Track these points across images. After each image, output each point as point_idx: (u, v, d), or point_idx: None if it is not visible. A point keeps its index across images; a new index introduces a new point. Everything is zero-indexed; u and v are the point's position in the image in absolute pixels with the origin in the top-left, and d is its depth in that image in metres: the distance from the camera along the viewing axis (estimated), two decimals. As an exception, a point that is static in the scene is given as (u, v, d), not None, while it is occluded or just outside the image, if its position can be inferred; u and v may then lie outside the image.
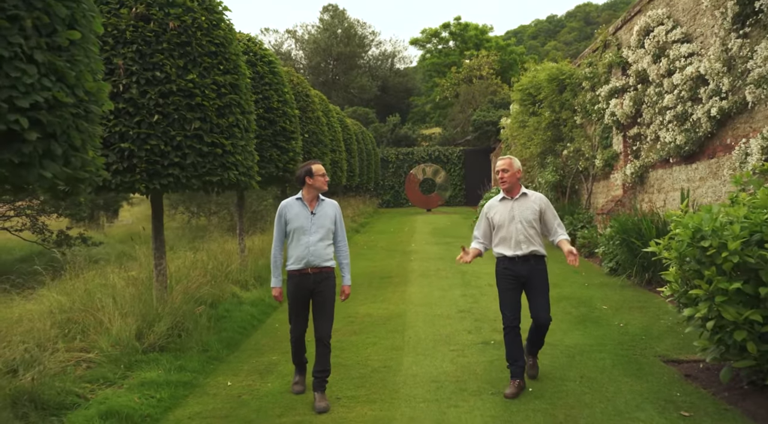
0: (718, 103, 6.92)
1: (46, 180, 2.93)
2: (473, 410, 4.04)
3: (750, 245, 3.84)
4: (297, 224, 4.33)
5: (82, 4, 3.16)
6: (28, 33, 2.79)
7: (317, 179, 4.38)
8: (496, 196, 4.66)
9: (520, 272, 4.41)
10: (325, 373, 4.33)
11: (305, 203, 4.39)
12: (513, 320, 4.40)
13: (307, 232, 4.31)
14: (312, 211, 4.37)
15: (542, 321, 4.39)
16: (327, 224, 4.39)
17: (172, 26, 5.49)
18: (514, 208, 4.46)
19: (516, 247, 4.41)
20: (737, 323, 3.83)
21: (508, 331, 4.41)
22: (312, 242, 4.30)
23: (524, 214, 4.43)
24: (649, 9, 9.21)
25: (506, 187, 4.49)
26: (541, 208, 4.47)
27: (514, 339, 4.40)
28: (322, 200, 4.45)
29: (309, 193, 4.41)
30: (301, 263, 4.29)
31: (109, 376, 4.68)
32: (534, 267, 4.42)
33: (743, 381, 4.22)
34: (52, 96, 2.87)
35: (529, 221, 4.42)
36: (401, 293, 8.18)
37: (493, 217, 4.55)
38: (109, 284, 6.66)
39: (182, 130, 5.47)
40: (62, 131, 2.99)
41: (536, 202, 4.50)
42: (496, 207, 4.57)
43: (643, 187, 9.80)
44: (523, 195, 4.51)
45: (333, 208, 4.50)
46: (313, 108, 11.91)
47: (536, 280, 4.41)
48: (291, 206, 4.40)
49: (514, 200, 4.49)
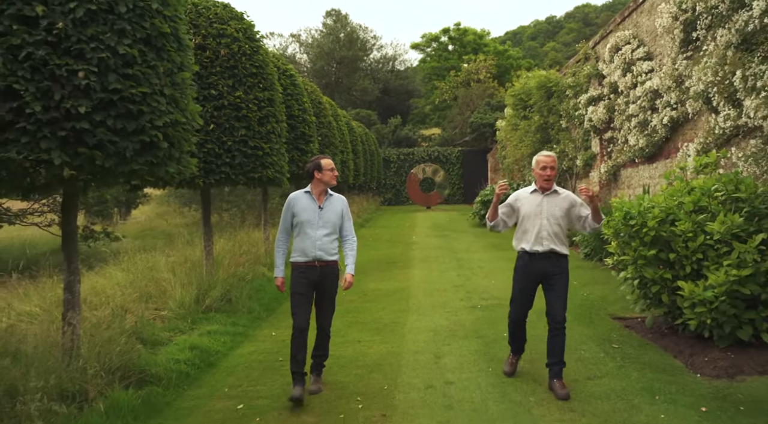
0: (669, 113, 8.30)
1: (169, 174, 4.32)
2: (461, 347, 5.42)
3: (665, 223, 5.23)
4: (304, 217, 4.33)
5: (188, 53, 4.54)
6: (160, 76, 4.17)
7: (326, 174, 4.39)
8: (526, 188, 4.57)
9: (539, 269, 4.37)
10: (322, 357, 4.51)
11: (313, 197, 4.39)
12: (521, 318, 4.54)
13: (314, 226, 4.33)
14: (320, 205, 4.39)
15: (558, 318, 4.28)
16: (334, 218, 4.41)
17: (222, 53, 6.88)
18: (543, 204, 4.40)
19: (537, 242, 4.36)
20: (654, 280, 5.22)
21: (514, 326, 4.58)
22: (319, 236, 4.32)
23: (552, 211, 4.37)
24: (618, 30, 10.59)
25: (550, 185, 4.43)
26: (570, 206, 4.43)
27: (519, 331, 4.60)
28: (330, 195, 4.47)
29: (317, 188, 4.41)
30: (308, 256, 4.31)
31: (182, 327, 6.07)
32: (554, 264, 4.36)
33: (663, 327, 5.61)
34: (174, 118, 4.26)
35: (557, 218, 4.37)
36: (405, 274, 9.57)
37: (519, 207, 4.50)
38: (167, 262, 8.06)
39: (231, 137, 6.86)
40: (178, 141, 4.37)
41: (565, 200, 4.44)
42: (526, 198, 4.49)
43: (616, 184, 11.18)
44: (554, 192, 4.45)
45: (340, 203, 4.51)
46: (325, 113, 13.30)
47: (556, 278, 4.35)
48: (299, 199, 4.40)
49: (544, 196, 4.42)
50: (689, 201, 5.25)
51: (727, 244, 4.90)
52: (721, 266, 4.81)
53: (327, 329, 4.49)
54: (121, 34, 3.93)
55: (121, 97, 3.88)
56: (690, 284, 4.90)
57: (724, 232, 4.82)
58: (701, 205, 5.23)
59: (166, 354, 5.02)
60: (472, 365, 4.89)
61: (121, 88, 3.87)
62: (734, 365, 4.57)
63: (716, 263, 4.89)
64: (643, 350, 5.15)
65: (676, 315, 5.31)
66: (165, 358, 4.89)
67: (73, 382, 4.02)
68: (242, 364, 5.18)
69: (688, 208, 5.21)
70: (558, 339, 4.27)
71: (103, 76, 3.82)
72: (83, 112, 3.72)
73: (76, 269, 4.58)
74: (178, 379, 4.65)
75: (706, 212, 5.16)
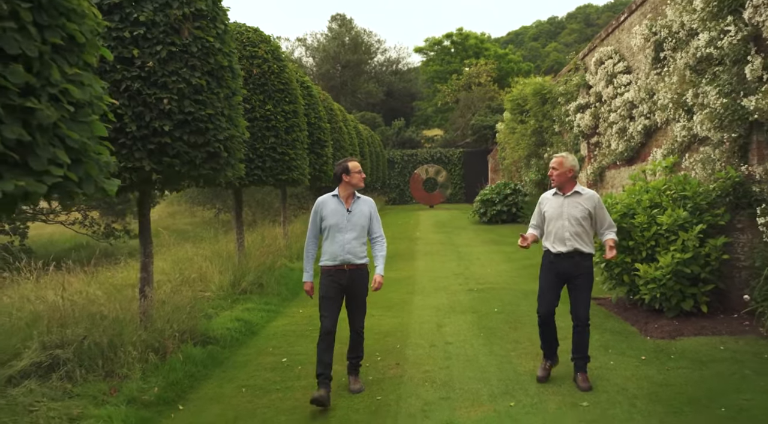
0: (644, 121, 9.41)
1: (227, 177, 5.48)
2: (459, 320, 6.56)
3: (626, 216, 6.35)
4: (333, 221, 4.32)
5: (239, 80, 5.69)
6: (221, 100, 5.32)
7: (354, 176, 4.38)
8: (550, 190, 4.66)
9: (563, 268, 4.41)
10: (358, 358, 4.53)
11: (341, 201, 4.38)
12: (547, 315, 4.50)
13: (343, 229, 4.31)
14: (348, 208, 4.37)
15: (581, 317, 4.40)
16: (362, 221, 4.39)
17: (255, 72, 8.03)
18: (564, 205, 4.44)
19: (560, 243, 4.41)
20: (617, 263, 6.35)
21: (542, 323, 4.54)
22: (348, 240, 4.31)
23: (572, 211, 4.39)
24: (603, 45, 11.71)
25: (556, 185, 4.49)
26: (593, 207, 4.43)
27: (548, 331, 4.55)
28: (358, 198, 4.46)
29: (345, 191, 4.40)
30: (337, 260, 4.31)
31: (223, 305, 7.21)
32: (578, 264, 4.39)
33: (626, 303, 6.74)
34: (231, 133, 5.40)
35: (577, 219, 4.37)
36: (410, 265, 10.71)
37: (545, 210, 4.57)
38: (199, 254, 9.21)
39: (262, 144, 8.01)
40: (233, 151, 5.52)
41: (587, 201, 4.43)
42: (549, 201, 4.58)
43: (602, 184, 12.29)
44: (575, 193, 4.45)
45: (368, 206, 4.50)
46: (336, 119, 14.45)
47: (581, 278, 4.40)
48: (327, 203, 4.39)
49: (565, 197, 4.46)
50: (646, 199, 6.38)
51: (674, 233, 6.03)
52: (669, 251, 5.95)
53: (360, 331, 4.47)
54: (193, 69, 5.09)
55: (194, 117, 5.04)
56: (645, 265, 6.03)
57: (671, 223, 5.96)
58: (656, 201, 6.36)
59: (218, 323, 6.17)
60: (467, 332, 6.02)
61: (193, 111, 5.03)
62: (677, 329, 5.70)
63: (665, 249, 6.02)
64: (606, 320, 6.28)
65: (635, 292, 6.44)
66: (218, 325, 6.04)
67: (155, 339, 5.17)
68: (279, 332, 6.33)
69: (644, 204, 6.34)
70: (582, 336, 4.42)
71: (181, 101, 4.98)
72: (167, 129, 4.88)
73: (150, 252, 5.75)
74: (231, 341, 5.80)
75: (660, 207, 6.28)
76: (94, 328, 4.95)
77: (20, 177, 2.46)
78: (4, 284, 6.91)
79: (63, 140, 2.68)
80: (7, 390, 4.16)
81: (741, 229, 6.17)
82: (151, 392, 4.39)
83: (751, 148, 6.19)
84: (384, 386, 4.55)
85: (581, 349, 4.44)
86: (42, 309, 5.31)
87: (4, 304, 5.92)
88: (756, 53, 5.98)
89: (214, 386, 4.73)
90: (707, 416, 3.76)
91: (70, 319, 4.94)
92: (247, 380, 4.82)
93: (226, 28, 5.50)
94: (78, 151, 2.77)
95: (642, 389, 4.27)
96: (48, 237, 24.10)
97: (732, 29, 6.17)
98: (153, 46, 4.90)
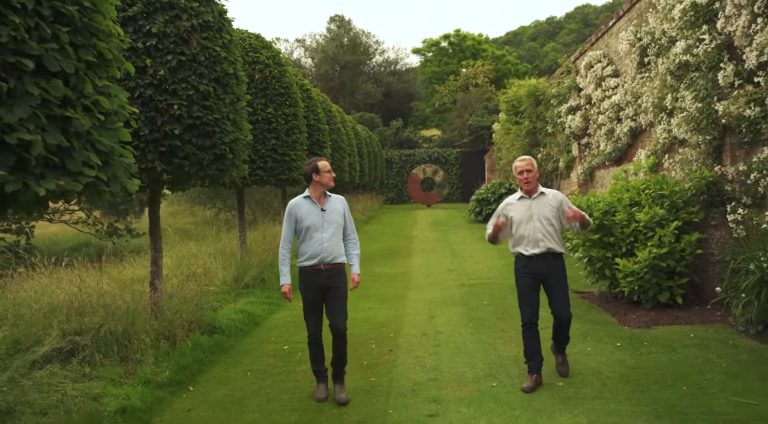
0: (630, 123, 9.80)
1: (232, 177, 5.86)
2: (450, 312, 6.94)
3: (608, 214, 6.74)
4: (309, 221, 4.32)
5: (243, 86, 6.08)
6: (226, 105, 5.70)
7: (324, 176, 4.37)
8: (513, 195, 4.68)
9: (539, 270, 4.44)
10: (342, 365, 4.47)
11: (314, 201, 4.38)
12: (531, 316, 4.47)
13: (320, 229, 4.32)
14: (322, 208, 4.37)
15: (563, 317, 4.45)
16: (337, 219, 4.42)
17: (257, 77, 8.41)
18: (532, 207, 4.47)
19: (533, 245, 4.42)
20: (599, 258, 6.75)
21: (527, 328, 4.49)
22: (325, 238, 4.32)
23: (543, 211, 4.44)
24: (592, 49, 12.11)
25: (530, 187, 4.50)
26: (560, 203, 4.52)
27: (532, 335, 4.48)
28: (329, 196, 4.46)
29: (316, 191, 4.40)
30: (315, 259, 4.31)
31: (227, 298, 7.59)
32: (552, 264, 4.44)
33: (607, 296, 7.13)
34: (236, 136, 5.79)
35: (548, 218, 4.43)
36: (406, 261, 11.10)
37: (511, 215, 4.57)
38: (203, 251, 9.59)
39: (264, 146, 8.39)
40: (238, 153, 5.90)
41: (554, 199, 4.51)
42: (514, 205, 4.57)
43: (592, 184, 12.69)
44: (541, 194, 4.52)
45: (341, 203, 4.52)
46: (335, 121, 14.83)
47: (555, 278, 4.44)
48: (300, 205, 4.38)
49: (532, 199, 4.50)
50: (627, 197, 6.77)
51: (651, 229, 6.42)
52: (646, 246, 6.34)
53: (343, 331, 4.36)
54: (201, 76, 5.47)
55: (201, 121, 5.42)
56: (624, 260, 6.42)
57: (648, 220, 6.35)
58: (636, 200, 6.75)
59: (223, 315, 6.56)
60: (457, 322, 6.41)
61: (201, 116, 5.41)
62: (653, 319, 6.10)
63: (643, 244, 6.41)
64: (589, 311, 6.67)
65: (615, 285, 6.83)
66: (223, 316, 6.43)
67: (165, 328, 5.56)
68: (280, 323, 6.71)
69: (625, 202, 6.73)
70: (564, 333, 4.57)
71: (190, 107, 5.36)
72: (177, 133, 5.26)
73: (160, 247, 6.14)
74: (236, 331, 6.19)
75: (639, 205, 6.68)
76: (109, 317, 5.33)
77: (59, 177, 2.84)
78: (20, 279, 7.29)
79: (94, 145, 3.07)
80: (32, 373, 4.55)
81: (715, 225, 6.56)
82: (164, 375, 4.78)
83: (725, 150, 6.59)
84: (378, 369, 4.94)
85: (563, 339, 4.62)
86: (60, 300, 5.70)
87: (23, 297, 6.31)
88: (728, 61, 6.37)
89: (221, 370, 5.12)
90: (670, 393, 4.15)
91: (88, 308, 5.33)
92: (251, 365, 5.21)
93: (231, 37, 5.89)
94: (106, 154, 3.16)
95: (615, 371, 4.66)
96: (51, 236, 24.46)
97: (707, 38, 6.56)
98: (164, 55, 5.28)
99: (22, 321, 5.43)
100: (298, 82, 11.26)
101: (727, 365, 4.65)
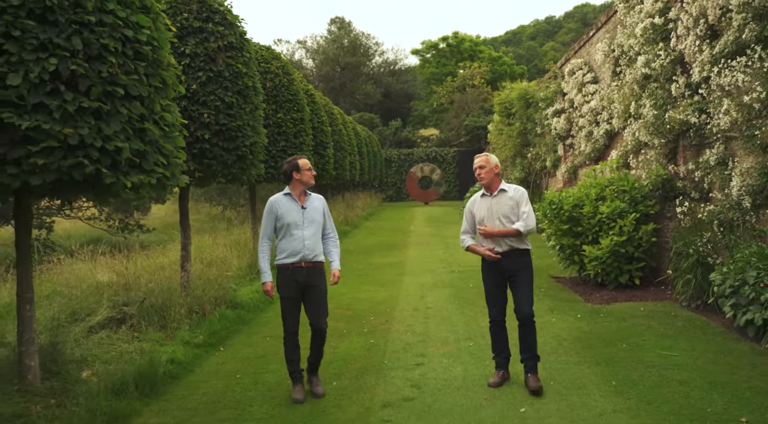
0: (606, 126, 10.78)
1: (252, 176, 6.86)
2: (439, 292, 7.93)
3: (576, 207, 7.73)
4: (290, 218, 4.29)
5: (260, 96, 7.07)
6: (247, 113, 6.68)
7: (304, 174, 4.36)
8: (478, 192, 4.64)
9: (504, 266, 4.37)
10: (319, 359, 4.52)
11: (294, 198, 4.36)
12: (497, 314, 4.47)
13: (301, 226, 4.30)
14: (302, 205, 4.36)
15: (524, 313, 4.33)
16: (317, 217, 4.40)
17: (268, 85, 9.39)
18: (492, 205, 4.41)
19: (496, 243, 4.36)
20: (569, 245, 7.74)
21: (493, 325, 4.50)
22: (307, 236, 4.30)
23: (502, 210, 4.36)
24: (575, 57, 13.10)
25: (484, 183, 4.44)
26: (517, 201, 4.38)
27: (499, 332, 4.49)
28: (310, 195, 4.44)
29: (297, 189, 4.38)
30: (297, 256, 4.28)
31: (243, 282, 8.58)
32: (516, 262, 4.35)
33: (578, 280, 8.12)
34: (255, 140, 6.78)
35: (507, 216, 4.34)
36: (403, 253, 12.09)
37: (475, 213, 4.53)
38: (216, 243, 10.58)
39: (275, 147, 9.37)
40: (256, 154, 6.90)
41: (513, 196, 4.40)
42: (478, 203, 4.54)
43: (575, 181, 13.68)
44: (501, 191, 4.43)
45: (320, 201, 4.50)
46: (336, 122, 15.82)
47: (520, 275, 4.36)
48: (281, 202, 4.36)
49: (492, 197, 4.44)
50: (593, 192, 7.76)
51: (613, 220, 7.41)
52: (609, 235, 7.33)
53: (323, 329, 4.41)
54: (226, 89, 6.47)
55: (227, 128, 6.41)
56: (590, 247, 7.41)
57: (610, 212, 7.34)
58: (601, 195, 7.74)
59: (242, 294, 7.54)
60: (445, 301, 7.40)
61: (226, 123, 6.40)
62: (613, 297, 7.09)
63: (606, 233, 7.40)
64: (560, 292, 7.67)
65: (584, 269, 7.82)
66: (243, 295, 7.42)
67: (195, 303, 6.55)
68: (291, 302, 7.70)
69: (591, 197, 7.72)
70: (529, 336, 4.36)
71: (217, 115, 6.35)
72: (206, 137, 6.25)
73: (189, 235, 7.13)
74: (254, 307, 7.18)
75: (604, 200, 7.67)
76: (149, 293, 6.32)
77: (139, 174, 3.83)
78: (60, 266, 8.27)
79: (161, 150, 4.06)
80: (91, 336, 5.54)
81: (669, 217, 7.55)
82: (198, 338, 5.77)
83: (678, 151, 7.58)
84: (376, 334, 5.94)
85: (531, 347, 4.36)
86: (104, 281, 6.69)
87: (68, 278, 7.29)
88: (680, 74, 7.35)
89: (245, 336, 6.11)
90: (611, 349, 5.14)
91: (133, 285, 6.33)
92: (270, 332, 6.21)
93: (251, 55, 6.88)
94: (168, 156, 4.15)
95: (571, 335, 5.66)
96: (64, 232, 25.42)
97: (662, 53, 7.54)
98: (195, 72, 6.27)
99: (75, 297, 6.42)
100: (304, 89, 12.24)
101: (664, 330, 5.64)
